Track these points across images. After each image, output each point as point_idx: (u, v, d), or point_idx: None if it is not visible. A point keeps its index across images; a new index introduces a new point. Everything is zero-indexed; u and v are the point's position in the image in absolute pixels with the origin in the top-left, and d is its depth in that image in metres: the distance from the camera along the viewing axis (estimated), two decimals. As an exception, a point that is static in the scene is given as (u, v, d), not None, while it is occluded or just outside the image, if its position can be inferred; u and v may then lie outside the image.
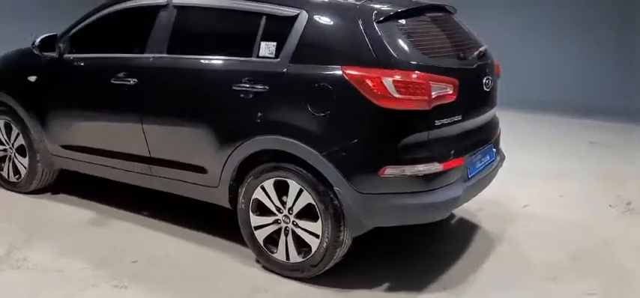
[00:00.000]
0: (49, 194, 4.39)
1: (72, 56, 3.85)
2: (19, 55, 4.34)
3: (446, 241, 3.69)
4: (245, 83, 3.07)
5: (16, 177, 4.38)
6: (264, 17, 3.12)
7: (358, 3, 2.99)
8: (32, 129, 4.10)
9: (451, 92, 2.86)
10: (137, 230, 3.79)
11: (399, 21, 2.96)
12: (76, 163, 4.02)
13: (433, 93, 2.77)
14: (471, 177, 3.09)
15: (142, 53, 3.55)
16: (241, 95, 3.08)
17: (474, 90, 3.16)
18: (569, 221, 4.01)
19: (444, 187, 2.89)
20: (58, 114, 3.95)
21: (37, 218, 4.01)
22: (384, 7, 2.97)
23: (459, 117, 2.97)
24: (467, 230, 3.84)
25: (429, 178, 2.83)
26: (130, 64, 3.58)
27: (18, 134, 4.22)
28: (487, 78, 3.22)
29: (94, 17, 3.81)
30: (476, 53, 3.19)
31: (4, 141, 4.36)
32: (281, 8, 3.08)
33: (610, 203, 4.32)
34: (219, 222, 3.64)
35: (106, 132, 3.75)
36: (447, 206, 2.98)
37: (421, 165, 2.78)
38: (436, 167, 2.83)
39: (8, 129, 4.31)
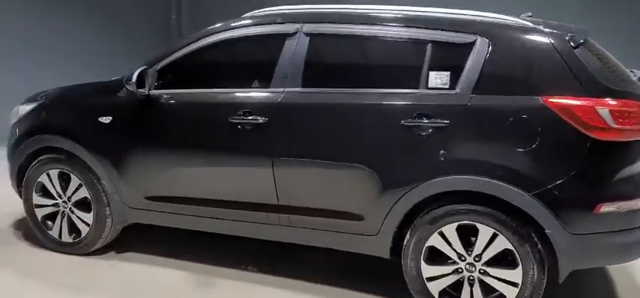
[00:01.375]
0: (113, 252, 3.73)
1: (164, 92, 3.29)
2: (85, 92, 3.67)
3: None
4: (418, 118, 2.74)
5: (72, 236, 3.69)
6: (430, 45, 2.81)
7: (546, 28, 2.76)
8: (105, 179, 3.45)
9: None
10: (250, 288, 3.29)
11: (588, 44, 2.78)
12: (161, 216, 3.43)
13: None
14: None
15: (266, 87, 3.10)
16: (414, 131, 2.75)
17: None
18: None
19: None
20: (147, 160, 3.35)
21: (126, 284, 3.38)
22: (574, 31, 2.76)
23: None
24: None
25: None
26: (255, 100, 3.10)
27: (79, 185, 3.56)
28: None
29: (192, 47, 3.26)
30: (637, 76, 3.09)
31: (56, 195, 3.66)
32: (452, 34, 2.79)
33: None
34: (336, 270, 3.24)
35: (217, 179, 3.21)
36: None
37: (636, 200, 2.60)
38: None
39: (64, 179, 3.62)
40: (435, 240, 2.79)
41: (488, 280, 2.73)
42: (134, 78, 3.14)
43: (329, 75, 3.05)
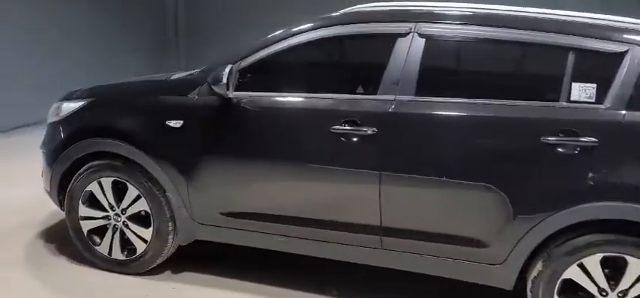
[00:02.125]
0: (168, 272, 3.30)
1: (251, 94, 2.88)
2: (146, 92, 3.22)
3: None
4: (562, 136, 2.44)
5: (125, 253, 3.25)
6: (572, 52, 2.50)
7: None
8: (171, 191, 3.03)
9: None
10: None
11: None
12: (239, 234, 3.02)
13: None
14: None
15: (372, 93, 2.73)
16: (556, 150, 2.44)
17: None
18: None
19: None
20: (227, 172, 2.94)
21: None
22: None
23: None
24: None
25: None
26: (362, 108, 2.72)
27: (137, 197, 3.12)
28: None
29: (282, 45, 2.84)
30: None
31: (107, 206, 3.21)
32: (599, 42, 2.49)
33: None
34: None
35: (311, 195, 2.83)
36: None
37: None
38: None
39: (119, 190, 3.19)
40: (572, 273, 2.49)
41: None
42: (224, 78, 2.72)
43: (448, 82, 2.73)
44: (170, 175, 3.01)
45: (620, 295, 2.46)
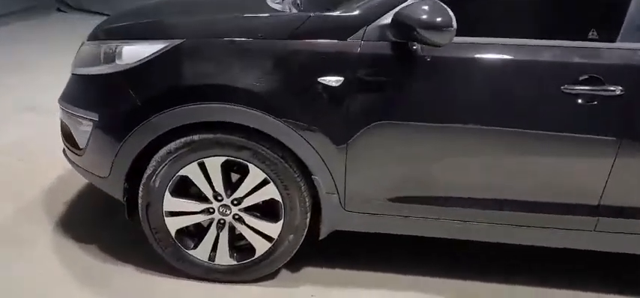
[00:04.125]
0: (284, 274, 2.46)
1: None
2: (272, 30, 2.17)
3: None
4: None
5: (235, 256, 2.36)
6: None
7: None
8: (320, 173, 2.18)
9: None
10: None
11: None
12: (403, 222, 2.29)
13: None
14: None
15: (610, 39, 2.11)
16: None
17: None
18: None
19: None
20: (408, 146, 2.13)
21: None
22: None
23: None
24: None
25: None
26: (604, 61, 2.05)
27: (263, 182, 2.21)
28: None
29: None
30: None
31: (210, 196, 2.26)
32: None
33: None
34: None
35: (522, 173, 2.16)
36: None
37: None
38: None
39: (230, 171, 2.24)
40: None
41: None
42: (449, 19, 1.89)
43: None
44: (322, 152, 2.15)
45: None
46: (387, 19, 2.04)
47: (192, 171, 2.22)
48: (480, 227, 2.31)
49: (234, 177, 2.30)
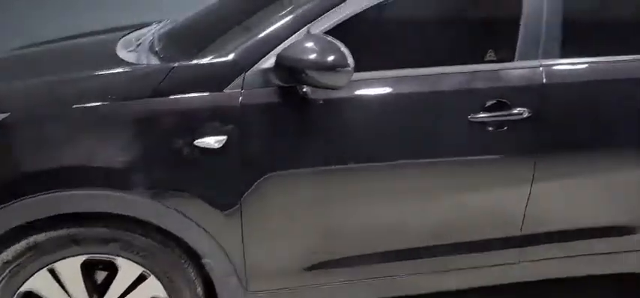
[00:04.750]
0: None
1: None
2: (126, 90, 1.72)
3: None
4: None
5: None
6: None
7: None
8: (212, 255, 1.75)
9: None
10: None
11: None
12: (325, 291, 1.96)
13: None
14: None
15: (506, 59, 1.94)
16: None
17: None
18: None
19: None
20: (318, 204, 1.80)
21: None
22: None
23: None
24: None
25: None
26: (508, 82, 1.88)
27: (139, 278, 1.73)
28: None
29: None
30: None
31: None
32: None
33: None
34: None
35: (445, 214, 1.93)
36: None
37: None
38: None
39: (91, 273, 1.74)
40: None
41: None
42: (347, 59, 1.59)
43: (606, 38, 2.09)
44: (211, 228, 1.75)
45: None
46: (268, 61, 1.73)
47: (40, 284, 1.70)
48: (411, 281, 2.04)
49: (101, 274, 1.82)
